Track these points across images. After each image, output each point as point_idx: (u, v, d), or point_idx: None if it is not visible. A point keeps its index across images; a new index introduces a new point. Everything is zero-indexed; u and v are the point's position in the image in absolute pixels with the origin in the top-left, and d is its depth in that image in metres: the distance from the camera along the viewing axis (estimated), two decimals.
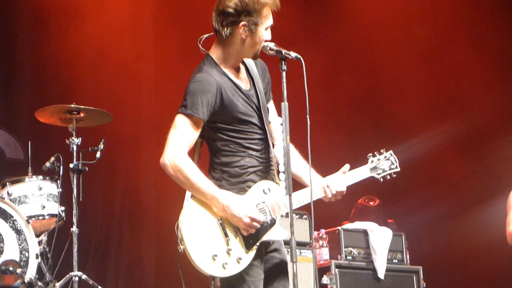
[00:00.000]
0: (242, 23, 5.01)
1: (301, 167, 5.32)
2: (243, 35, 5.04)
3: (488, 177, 8.28)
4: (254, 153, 5.13)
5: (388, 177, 5.54)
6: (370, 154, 5.53)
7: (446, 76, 11.07)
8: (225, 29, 5.05)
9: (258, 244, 5.01)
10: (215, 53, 5.17)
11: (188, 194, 5.05)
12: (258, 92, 5.23)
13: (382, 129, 10.32)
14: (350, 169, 5.36)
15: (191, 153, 5.04)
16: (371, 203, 8.99)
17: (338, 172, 5.37)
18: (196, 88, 4.99)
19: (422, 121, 10.31)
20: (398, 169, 5.57)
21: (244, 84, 5.22)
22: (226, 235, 4.92)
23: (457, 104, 10.62)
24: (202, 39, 5.20)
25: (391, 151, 5.60)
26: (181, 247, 4.83)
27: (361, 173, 5.47)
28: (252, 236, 4.98)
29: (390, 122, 10.19)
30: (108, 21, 10.76)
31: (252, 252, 4.97)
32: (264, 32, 5.08)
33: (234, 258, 4.92)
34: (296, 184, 5.12)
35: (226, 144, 5.08)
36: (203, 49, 5.22)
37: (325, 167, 5.41)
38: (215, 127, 5.06)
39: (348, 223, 8.04)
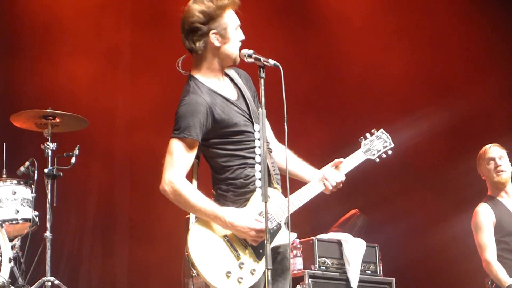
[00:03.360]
0: (211, 32, 5.06)
1: (297, 166, 5.39)
2: (216, 43, 5.07)
3: (460, 190, 8.24)
4: (254, 162, 5.11)
5: (384, 155, 5.59)
6: (362, 137, 5.55)
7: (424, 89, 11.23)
8: (198, 44, 5.09)
9: (266, 250, 4.87)
10: (196, 72, 5.18)
11: (192, 218, 5.05)
12: (247, 100, 5.24)
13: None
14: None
15: (189, 176, 5.07)
16: (363, 216, 9.01)
17: (328, 166, 5.41)
18: (186, 111, 5.00)
19: (397, 133, 10.35)
20: (392, 145, 5.63)
21: (232, 95, 5.21)
22: (235, 250, 4.95)
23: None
24: (179, 62, 5.21)
25: (382, 129, 5.66)
26: (194, 271, 4.88)
27: (356, 158, 5.51)
28: (261, 245, 4.97)
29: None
30: (85, 24, 10.84)
31: (263, 261, 4.91)
32: (235, 32, 5.12)
33: (247, 271, 4.96)
34: (297, 183, 5.22)
35: (226, 159, 5.10)
36: (183, 71, 5.23)
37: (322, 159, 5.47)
38: (211, 144, 5.08)
39: (329, 231, 8.11)
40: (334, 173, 5.29)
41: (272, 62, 4.94)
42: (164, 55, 8.97)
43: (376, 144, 5.59)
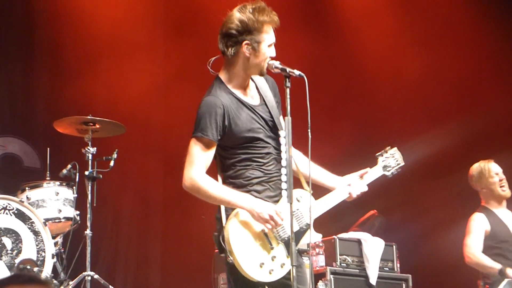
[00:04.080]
0: (244, 42, 5.05)
1: (318, 172, 5.37)
2: (247, 53, 5.08)
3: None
4: (259, 165, 5.15)
5: (395, 172, 5.66)
6: (379, 154, 5.65)
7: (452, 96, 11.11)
8: (230, 50, 5.10)
9: (297, 248, 5.06)
10: (223, 74, 5.21)
11: (223, 212, 5.03)
12: (268, 107, 5.26)
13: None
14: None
15: (213, 173, 5.07)
16: (378, 216, 9.06)
17: (356, 174, 5.48)
18: (204, 112, 5.04)
19: (414, 135, 10.34)
20: (403, 164, 5.71)
21: (253, 100, 5.24)
22: (270, 243, 4.98)
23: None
24: (211, 62, 5.24)
25: (395, 148, 5.73)
26: (231, 258, 4.87)
27: (376, 172, 5.59)
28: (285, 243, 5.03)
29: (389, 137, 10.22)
30: (122, 36, 10.79)
31: (281, 269, 5.04)
32: (267, 49, 5.11)
33: (278, 264, 5.00)
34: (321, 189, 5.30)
35: (234, 162, 5.12)
36: (212, 71, 5.25)
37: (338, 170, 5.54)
38: (225, 147, 5.10)
39: (349, 231, 8.08)
40: (360, 183, 5.38)
41: (297, 72, 4.99)
42: (195, 63, 8.77)
43: (391, 162, 5.65)
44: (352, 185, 5.37)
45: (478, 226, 7.75)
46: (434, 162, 10.04)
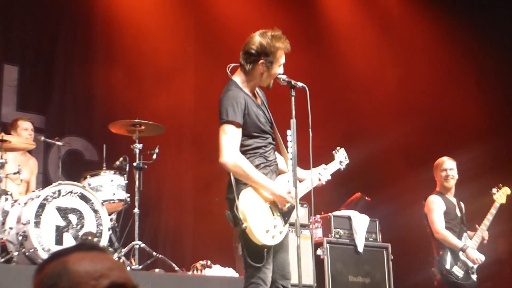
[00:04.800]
0: (261, 61, 5.10)
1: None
2: (261, 70, 5.12)
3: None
4: (263, 153, 5.18)
5: (345, 167, 5.82)
6: (334, 152, 5.78)
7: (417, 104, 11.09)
8: (248, 65, 5.14)
9: (289, 220, 5.14)
10: (238, 78, 5.21)
11: (234, 186, 4.99)
12: (266, 108, 5.32)
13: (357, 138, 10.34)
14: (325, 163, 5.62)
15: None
16: (365, 198, 9.01)
17: (320, 167, 5.52)
18: (231, 101, 5.04)
19: (392, 129, 10.36)
20: (348, 161, 5.83)
21: (258, 101, 5.27)
22: (272, 214, 5.02)
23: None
24: (230, 67, 5.28)
25: (343, 148, 5.85)
26: (245, 224, 4.85)
27: (335, 165, 5.71)
28: (286, 214, 5.11)
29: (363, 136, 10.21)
30: (162, 53, 10.76)
31: (287, 226, 5.14)
32: (278, 68, 5.16)
33: (278, 231, 5.04)
34: None
35: (246, 150, 5.10)
36: (229, 74, 5.26)
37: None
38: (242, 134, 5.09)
39: (340, 209, 8.03)
40: (326, 173, 5.47)
41: (300, 84, 5.12)
42: (220, 75, 8.95)
43: (342, 158, 5.79)
44: (322, 174, 5.45)
45: (438, 206, 7.72)
46: (408, 152, 10.03)
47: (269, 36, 5.10)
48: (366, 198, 9.07)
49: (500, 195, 7.78)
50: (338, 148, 5.79)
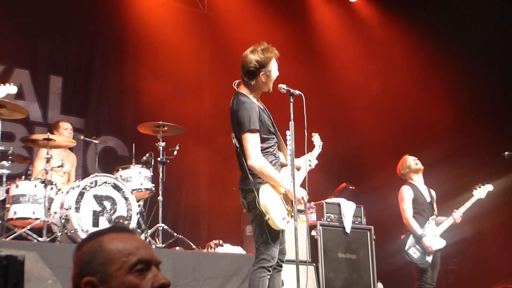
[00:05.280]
0: (261, 73, 5.10)
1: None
2: (263, 80, 5.12)
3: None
4: (272, 152, 5.18)
5: (320, 147, 5.78)
6: (312, 138, 5.78)
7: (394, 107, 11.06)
8: (252, 81, 5.12)
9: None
10: (244, 90, 5.18)
11: (251, 180, 5.00)
12: (269, 114, 5.28)
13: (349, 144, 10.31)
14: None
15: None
16: (350, 187, 9.00)
17: (308, 154, 5.48)
18: (249, 111, 5.01)
19: (373, 128, 10.33)
20: (321, 143, 5.78)
21: (263, 107, 5.26)
22: (285, 204, 5.08)
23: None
24: (236, 83, 5.24)
25: (317, 133, 5.83)
26: (267, 217, 4.90)
27: (317, 150, 5.72)
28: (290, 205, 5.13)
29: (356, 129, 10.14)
30: (181, 67, 10.80)
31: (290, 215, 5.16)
32: (275, 73, 5.17)
33: (288, 219, 5.10)
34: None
35: (262, 150, 5.08)
36: (236, 88, 5.23)
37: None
38: None
39: (329, 198, 8.01)
40: (312, 158, 5.52)
41: (297, 92, 5.13)
42: (228, 87, 8.95)
43: (319, 142, 5.77)
44: (311, 160, 5.49)
45: (407, 195, 7.67)
46: (388, 147, 9.97)
47: (260, 51, 5.10)
48: (351, 187, 9.05)
49: (480, 192, 7.65)
50: (313, 134, 5.78)
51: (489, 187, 7.70)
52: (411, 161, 7.88)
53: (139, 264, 2.00)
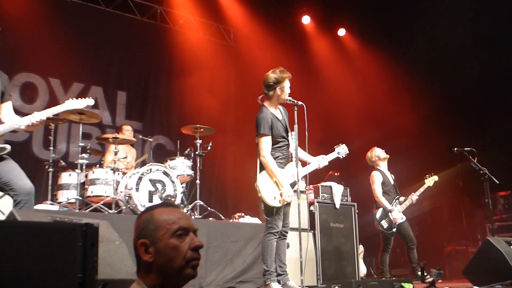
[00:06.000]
0: (277, 88, 5.15)
1: (306, 156, 5.46)
2: (278, 93, 5.16)
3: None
4: (281, 150, 5.17)
5: (344, 156, 5.73)
6: (336, 146, 5.75)
7: (373, 113, 10.94)
8: (270, 92, 5.17)
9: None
10: (266, 102, 5.22)
11: (258, 170, 5.06)
12: (284, 119, 5.28)
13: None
14: (326, 154, 5.61)
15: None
16: (336, 173, 8.95)
17: (320, 156, 5.50)
18: (263, 120, 5.08)
19: (357, 132, 10.28)
20: (347, 152, 5.76)
21: (279, 115, 5.25)
22: (278, 188, 5.03)
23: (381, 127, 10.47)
24: (260, 98, 5.28)
25: (344, 144, 5.79)
26: (260, 194, 4.97)
27: (333, 155, 5.66)
28: (286, 188, 5.08)
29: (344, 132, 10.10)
30: (215, 80, 10.73)
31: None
32: (287, 89, 5.19)
33: (279, 199, 5.06)
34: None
35: (273, 147, 5.12)
36: (260, 101, 5.27)
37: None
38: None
39: (323, 182, 7.96)
40: (323, 161, 5.49)
41: (300, 103, 5.13)
42: (251, 96, 8.91)
43: (341, 151, 5.72)
44: (320, 161, 5.47)
45: (377, 178, 7.61)
46: (366, 142, 9.82)
47: (278, 72, 5.18)
48: (336, 173, 8.99)
49: (429, 180, 7.60)
50: (340, 144, 5.75)
51: (435, 178, 7.64)
52: (380, 151, 7.80)
53: (179, 230, 2.01)
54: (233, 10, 10.91)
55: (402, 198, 7.62)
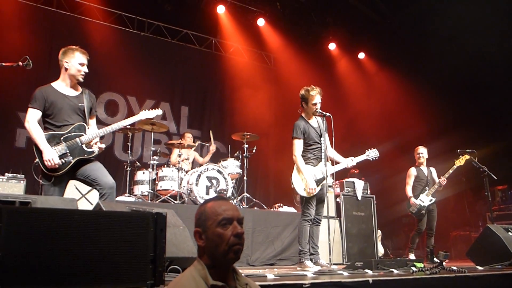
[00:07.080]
0: (307, 102, 5.07)
1: (336, 156, 5.28)
2: (309, 105, 5.06)
3: (411, 155, 7.86)
4: (313, 151, 5.06)
5: (373, 159, 5.44)
6: (368, 149, 5.46)
7: (388, 122, 10.69)
8: (303, 105, 5.10)
9: (320, 184, 5.00)
10: (303, 113, 5.15)
11: (295, 168, 4.99)
12: (319, 127, 5.15)
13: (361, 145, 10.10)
14: (355, 156, 5.36)
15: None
16: (355, 171, 8.79)
17: (349, 158, 5.25)
18: (297, 127, 5.02)
19: (377, 138, 10.08)
20: (378, 155, 5.45)
21: (314, 124, 5.14)
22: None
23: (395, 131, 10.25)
24: (299, 110, 5.18)
25: (375, 149, 5.49)
26: (292, 186, 4.91)
27: (362, 157, 5.39)
28: (318, 181, 4.98)
29: (364, 138, 9.93)
30: (256, 96, 10.64)
31: (319, 187, 4.99)
32: (315, 103, 5.06)
33: (308, 190, 4.94)
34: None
35: (305, 148, 5.04)
36: (299, 112, 5.19)
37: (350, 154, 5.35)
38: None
39: (346, 178, 7.85)
40: (351, 162, 5.25)
41: (327, 114, 5.03)
42: (287, 108, 8.82)
43: (372, 154, 5.43)
44: (349, 162, 5.23)
45: (411, 174, 7.22)
46: (384, 147, 9.66)
47: (306, 90, 5.09)
48: (356, 171, 8.80)
49: (459, 160, 6.98)
50: (372, 148, 5.50)
51: (466, 156, 7.01)
52: (416, 155, 7.36)
53: (223, 220, 2.01)
54: (273, 40, 10.93)
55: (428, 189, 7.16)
